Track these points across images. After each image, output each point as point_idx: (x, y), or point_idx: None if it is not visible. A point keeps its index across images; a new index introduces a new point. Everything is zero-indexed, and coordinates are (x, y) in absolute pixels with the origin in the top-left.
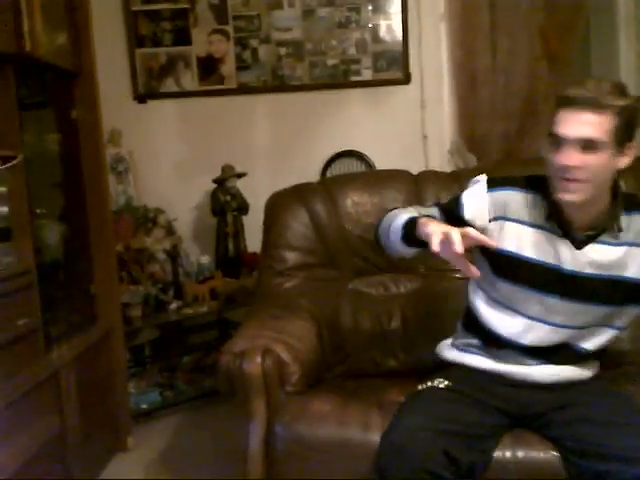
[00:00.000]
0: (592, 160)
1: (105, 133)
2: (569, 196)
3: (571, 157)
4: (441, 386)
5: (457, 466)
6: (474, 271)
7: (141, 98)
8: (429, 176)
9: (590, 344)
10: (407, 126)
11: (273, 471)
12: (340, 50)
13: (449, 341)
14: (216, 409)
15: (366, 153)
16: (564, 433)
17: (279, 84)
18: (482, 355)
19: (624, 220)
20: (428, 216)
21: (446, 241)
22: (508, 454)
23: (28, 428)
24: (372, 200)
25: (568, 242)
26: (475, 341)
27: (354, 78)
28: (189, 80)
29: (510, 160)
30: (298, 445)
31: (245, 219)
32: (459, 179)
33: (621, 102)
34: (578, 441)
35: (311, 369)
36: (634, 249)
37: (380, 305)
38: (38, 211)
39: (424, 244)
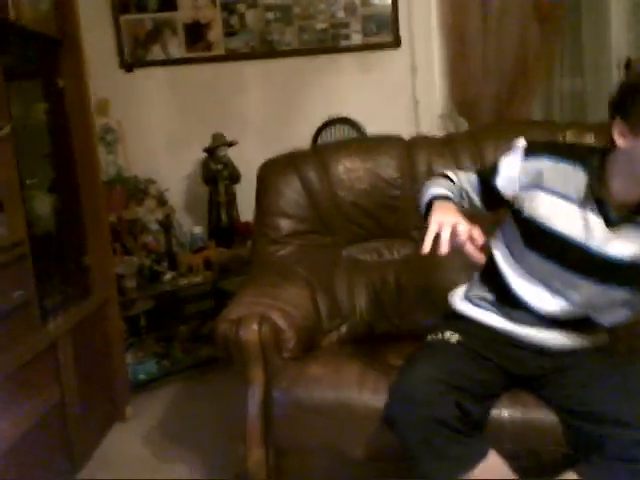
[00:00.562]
0: None
1: (92, 103)
2: None
3: None
4: (452, 340)
5: (469, 418)
6: (478, 257)
7: (128, 67)
8: (421, 141)
9: (607, 321)
10: (398, 91)
11: (272, 435)
12: (329, 14)
13: (462, 291)
14: (213, 377)
15: (357, 119)
16: (563, 395)
17: (268, 50)
18: (495, 313)
19: None
20: (460, 187)
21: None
22: (505, 414)
23: (27, 399)
24: (364, 166)
25: (602, 220)
26: (490, 296)
27: (344, 42)
28: (176, 47)
29: (501, 122)
30: (296, 408)
31: (237, 188)
32: (451, 143)
33: None
34: (576, 404)
35: (307, 335)
36: None
37: (374, 271)
38: (28, 182)
39: None
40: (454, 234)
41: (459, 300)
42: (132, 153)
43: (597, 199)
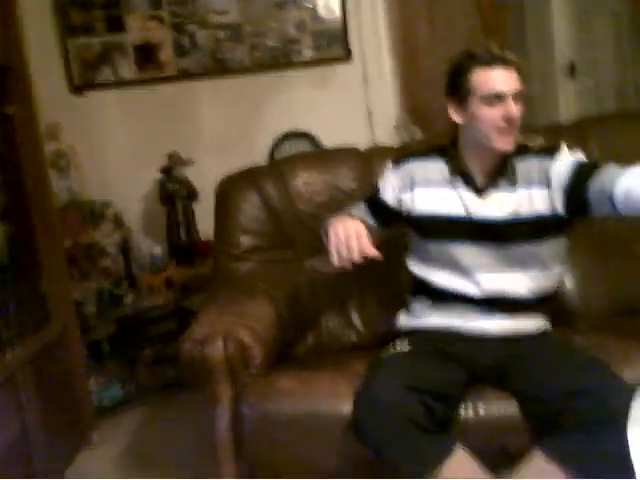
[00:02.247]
0: (518, 109)
1: (42, 128)
2: (508, 145)
3: (515, 108)
4: (404, 349)
5: (434, 416)
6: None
7: (78, 89)
8: (377, 151)
9: (526, 291)
10: (352, 103)
11: (244, 451)
12: (280, 31)
13: (403, 314)
14: (179, 399)
15: (313, 132)
16: (519, 382)
17: (220, 68)
18: (433, 315)
19: (518, 165)
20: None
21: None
22: (470, 412)
23: None
24: (323, 178)
25: (472, 192)
26: (425, 301)
27: (296, 58)
28: (127, 69)
29: (452, 128)
30: (266, 423)
31: (195, 206)
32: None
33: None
34: (534, 387)
35: (274, 349)
36: (527, 189)
37: (337, 280)
38: None
39: None
40: (351, 251)
41: (401, 319)
42: (87, 176)
43: (461, 176)
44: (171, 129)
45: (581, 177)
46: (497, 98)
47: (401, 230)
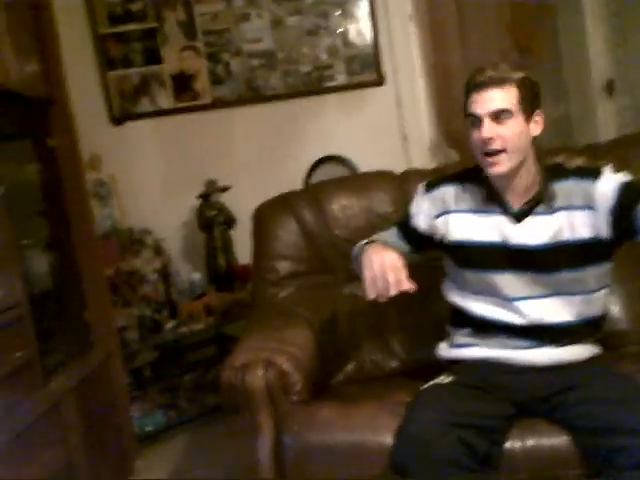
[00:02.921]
0: (507, 129)
1: (84, 158)
2: (497, 169)
3: (488, 130)
4: (445, 382)
5: (474, 453)
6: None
7: (117, 120)
8: (413, 174)
9: (570, 317)
10: (386, 127)
11: None
12: (312, 57)
13: (444, 344)
14: (221, 426)
15: (348, 157)
16: (572, 414)
17: (254, 95)
18: (477, 345)
19: (556, 187)
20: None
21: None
22: (517, 444)
23: (33, 461)
24: (359, 203)
25: (508, 218)
26: (466, 331)
27: (328, 84)
28: (164, 98)
29: None
30: (308, 454)
31: (233, 232)
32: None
33: (518, 74)
34: (587, 420)
35: (314, 377)
36: (566, 213)
37: (376, 307)
38: (24, 242)
39: None
40: (386, 284)
41: (443, 351)
42: (126, 205)
43: (497, 203)
44: (208, 156)
45: (630, 198)
46: (474, 120)
47: (436, 254)
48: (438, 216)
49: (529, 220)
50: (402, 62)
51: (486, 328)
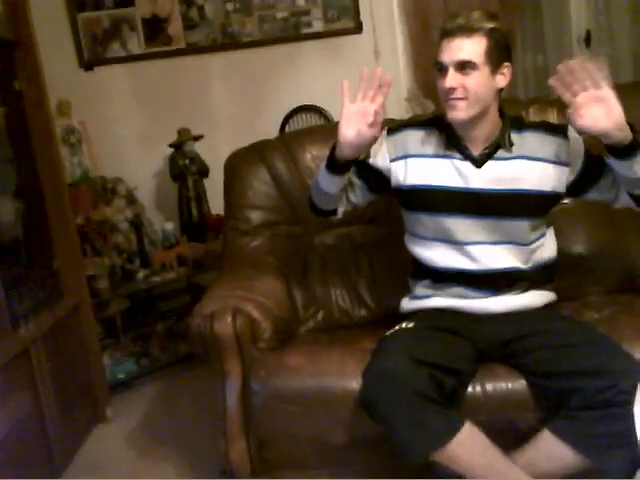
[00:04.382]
0: (470, 80)
1: (53, 104)
2: (456, 114)
3: (452, 79)
4: (409, 326)
5: (443, 389)
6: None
7: (87, 65)
8: (388, 125)
9: (519, 264)
10: None
11: (253, 427)
12: (289, 2)
13: (406, 298)
14: (193, 373)
15: (323, 106)
16: (529, 359)
17: (229, 41)
18: (436, 295)
19: (515, 137)
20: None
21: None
22: (477, 388)
23: (2, 406)
24: None
25: (469, 163)
26: (425, 283)
27: (305, 30)
28: (136, 43)
29: None
30: (275, 399)
31: (206, 182)
32: None
33: (490, 25)
34: (543, 364)
35: (283, 325)
36: (529, 162)
37: (347, 257)
38: None
39: (347, 166)
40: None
41: (405, 303)
42: (98, 153)
43: (457, 148)
44: (181, 104)
45: (594, 166)
46: (441, 69)
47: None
48: (396, 159)
49: (489, 165)
50: (381, 10)
51: (443, 278)
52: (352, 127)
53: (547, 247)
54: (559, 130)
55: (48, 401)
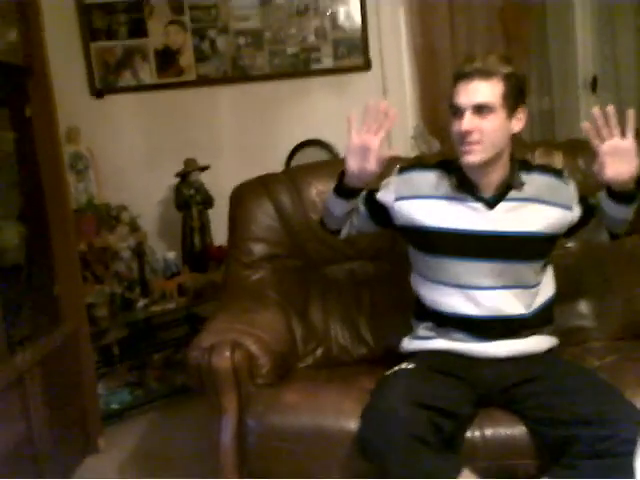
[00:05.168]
0: (487, 123)
1: (62, 130)
2: (471, 157)
3: (468, 122)
4: (409, 367)
5: (441, 433)
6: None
7: (98, 93)
8: (393, 162)
9: (522, 309)
10: None
11: (247, 465)
12: (300, 38)
13: (407, 338)
14: (188, 406)
15: (330, 141)
16: (530, 405)
17: (239, 74)
18: (439, 337)
19: (525, 178)
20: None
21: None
22: (477, 433)
23: None
24: None
25: (480, 204)
26: (428, 325)
27: (315, 66)
28: (147, 73)
29: None
30: (271, 436)
31: (210, 213)
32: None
33: (506, 69)
34: (543, 411)
35: (282, 361)
36: (539, 205)
37: (349, 293)
38: None
39: (353, 193)
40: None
41: (407, 343)
42: (104, 180)
43: (469, 190)
44: (189, 134)
45: (588, 210)
46: (456, 111)
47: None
48: (402, 198)
49: (501, 206)
50: (389, 47)
51: (446, 321)
52: (356, 161)
53: (546, 286)
54: (559, 174)
55: (40, 430)
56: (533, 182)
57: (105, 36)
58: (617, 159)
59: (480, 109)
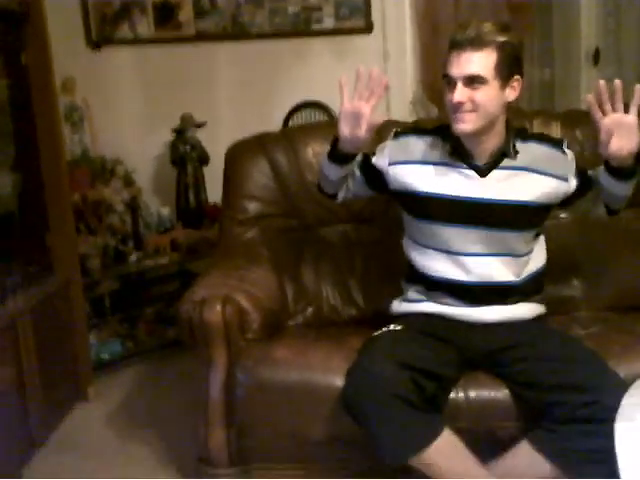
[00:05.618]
0: (479, 94)
1: (58, 80)
2: (462, 126)
3: (460, 94)
4: (397, 328)
5: (424, 394)
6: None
7: (95, 44)
8: (390, 126)
9: (512, 276)
10: None
11: (234, 416)
12: None
13: (397, 300)
14: (178, 359)
15: (328, 103)
16: (514, 370)
17: (239, 31)
18: (428, 301)
19: (520, 147)
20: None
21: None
22: (460, 394)
23: None
24: None
25: (473, 172)
26: (419, 288)
27: (316, 26)
28: (145, 27)
29: None
30: (259, 390)
31: (206, 170)
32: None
33: (500, 38)
34: (528, 376)
35: (272, 317)
36: (533, 175)
37: (342, 254)
38: None
39: (347, 158)
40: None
41: (396, 306)
42: (99, 133)
43: (462, 157)
44: (186, 90)
45: (585, 182)
46: (449, 81)
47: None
48: (396, 163)
49: (494, 174)
50: (392, 10)
51: (436, 286)
52: (347, 127)
53: (537, 256)
54: (558, 144)
55: (31, 376)
56: (529, 151)
57: None
58: (618, 134)
59: (472, 80)
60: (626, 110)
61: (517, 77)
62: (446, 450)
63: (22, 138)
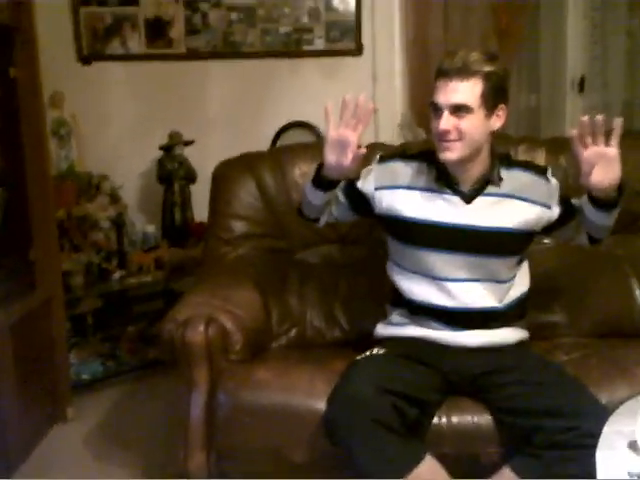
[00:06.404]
0: (464, 123)
1: (47, 95)
2: (448, 154)
3: (446, 122)
4: (380, 352)
5: (404, 420)
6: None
7: (85, 59)
8: (378, 149)
9: (495, 302)
10: None
11: (215, 438)
12: (293, 18)
13: (381, 323)
14: (159, 380)
15: (317, 124)
16: (497, 395)
17: (230, 50)
18: (411, 324)
19: (504, 174)
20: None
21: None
22: (443, 419)
23: None
24: None
25: (458, 198)
26: (403, 312)
27: (306, 47)
28: (136, 42)
29: None
30: (241, 412)
31: (193, 188)
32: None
33: (487, 68)
34: (510, 401)
35: (256, 338)
36: (516, 202)
37: (326, 276)
38: None
39: (331, 184)
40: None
41: (381, 329)
42: (86, 148)
43: (447, 184)
44: (175, 107)
45: (568, 210)
46: (436, 109)
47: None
48: (382, 188)
49: (478, 201)
50: (382, 34)
51: (420, 310)
52: (333, 155)
53: (520, 282)
54: (542, 172)
55: (9, 394)
56: (513, 178)
57: (96, 1)
58: (600, 166)
59: (458, 109)
60: (607, 140)
61: (502, 106)
62: (428, 476)
63: (8, 152)
